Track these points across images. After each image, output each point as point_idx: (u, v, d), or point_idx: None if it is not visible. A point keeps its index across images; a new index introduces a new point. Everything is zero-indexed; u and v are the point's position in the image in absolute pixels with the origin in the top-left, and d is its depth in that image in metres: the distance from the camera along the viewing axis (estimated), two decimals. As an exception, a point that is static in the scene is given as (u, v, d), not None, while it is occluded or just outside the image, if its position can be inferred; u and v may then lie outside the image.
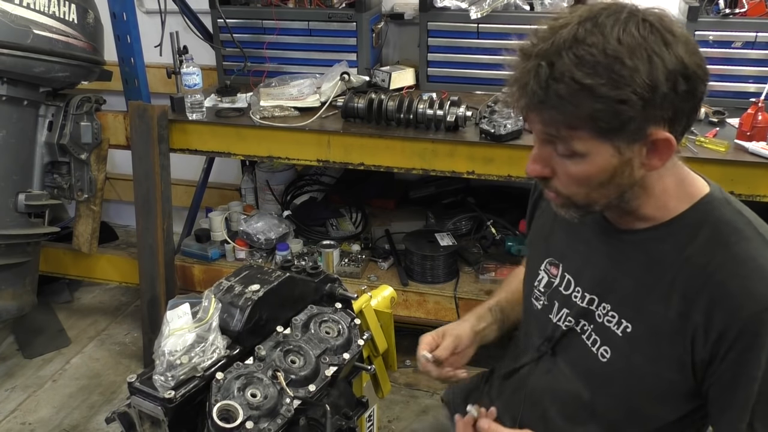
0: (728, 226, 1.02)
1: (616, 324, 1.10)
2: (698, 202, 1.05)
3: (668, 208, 1.05)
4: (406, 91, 2.68)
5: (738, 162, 2.06)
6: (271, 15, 2.75)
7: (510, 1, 2.55)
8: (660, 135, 0.95)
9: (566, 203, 1.05)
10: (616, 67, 0.89)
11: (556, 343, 1.22)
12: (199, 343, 1.26)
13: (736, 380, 0.99)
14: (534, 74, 0.92)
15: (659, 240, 1.06)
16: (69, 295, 3.29)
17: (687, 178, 1.07)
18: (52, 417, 2.56)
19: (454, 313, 2.51)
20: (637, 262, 1.08)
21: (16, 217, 2.46)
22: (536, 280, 1.27)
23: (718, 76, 2.45)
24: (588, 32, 0.91)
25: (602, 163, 0.96)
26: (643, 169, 0.99)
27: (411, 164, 2.37)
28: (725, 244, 1.01)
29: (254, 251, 2.80)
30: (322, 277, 1.54)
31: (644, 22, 0.92)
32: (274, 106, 2.53)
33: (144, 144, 2.59)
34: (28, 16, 2.26)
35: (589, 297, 1.16)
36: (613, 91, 0.89)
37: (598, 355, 1.13)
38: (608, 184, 0.99)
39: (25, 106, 2.43)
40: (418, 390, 2.64)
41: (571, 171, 0.99)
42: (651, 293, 1.06)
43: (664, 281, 1.04)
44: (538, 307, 1.26)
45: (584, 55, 0.89)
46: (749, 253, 0.99)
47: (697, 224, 1.03)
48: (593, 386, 1.15)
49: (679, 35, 0.93)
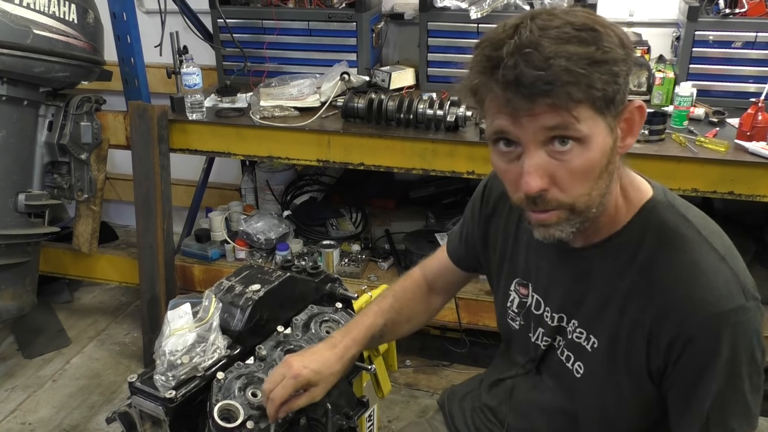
0: (671, 231, 1.01)
1: (585, 339, 1.10)
2: (642, 208, 1.04)
3: (618, 218, 1.04)
4: (406, 91, 2.68)
5: (738, 162, 2.06)
6: (271, 15, 2.75)
7: (510, 1, 2.55)
8: (635, 102, 0.96)
9: (565, 216, 0.98)
10: (596, 35, 0.89)
11: (540, 361, 1.22)
12: (199, 343, 1.26)
13: (689, 385, 0.99)
14: (525, 63, 0.87)
15: (612, 252, 1.05)
16: (69, 295, 3.29)
17: (632, 184, 1.05)
18: (52, 417, 2.55)
19: (454, 313, 2.51)
20: (596, 276, 1.08)
21: (16, 217, 2.46)
22: (508, 301, 1.26)
23: (718, 76, 2.45)
24: (545, 20, 0.90)
25: (601, 144, 0.93)
26: (618, 155, 0.98)
27: (411, 164, 2.37)
28: (668, 251, 1.00)
29: (254, 251, 2.80)
30: (322, 277, 1.54)
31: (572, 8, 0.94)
32: (274, 106, 2.53)
33: (144, 144, 2.59)
34: (28, 16, 2.26)
35: (557, 316, 1.15)
36: (606, 54, 0.89)
37: (573, 371, 1.13)
38: (605, 173, 0.96)
39: (25, 106, 2.43)
40: (418, 390, 2.64)
41: (575, 164, 0.93)
42: (610, 306, 1.05)
43: (620, 292, 1.04)
44: (516, 328, 1.26)
45: (560, 34, 0.88)
46: (692, 258, 0.98)
47: (642, 231, 1.03)
48: (574, 400, 1.16)
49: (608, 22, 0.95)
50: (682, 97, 2.27)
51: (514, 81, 0.88)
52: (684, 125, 2.27)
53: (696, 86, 2.37)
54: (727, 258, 0.99)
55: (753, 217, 2.69)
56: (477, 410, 1.37)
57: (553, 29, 0.88)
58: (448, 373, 2.71)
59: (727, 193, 2.10)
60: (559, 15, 0.91)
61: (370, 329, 1.31)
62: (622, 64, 0.90)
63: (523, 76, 0.87)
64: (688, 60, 2.43)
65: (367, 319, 1.32)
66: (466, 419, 1.39)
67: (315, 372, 1.20)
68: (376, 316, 1.33)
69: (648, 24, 2.75)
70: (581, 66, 0.87)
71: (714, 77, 2.45)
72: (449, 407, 1.45)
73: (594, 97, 0.89)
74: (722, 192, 2.10)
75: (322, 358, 1.22)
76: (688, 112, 2.28)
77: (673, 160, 2.11)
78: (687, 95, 2.27)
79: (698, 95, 2.39)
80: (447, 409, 1.45)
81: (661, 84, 2.42)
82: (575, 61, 0.87)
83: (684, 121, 2.27)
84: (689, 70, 2.44)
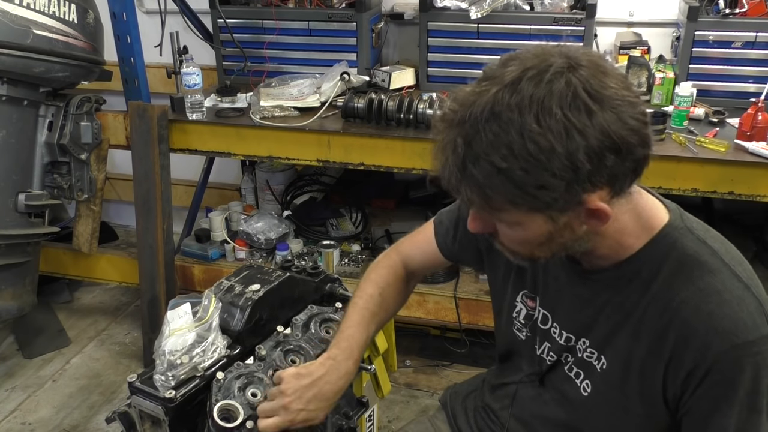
0: (691, 259, 0.98)
1: (596, 359, 1.09)
2: (657, 235, 1.00)
3: (626, 245, 1.00)
4: (406, 91, 2.68)
5: (738, 162, 2.06)
6: (271, 15, 2.75)
7: (510, 1, 2.55)
8: (593, 204, 0.89)
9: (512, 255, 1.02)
10: (532, 149, 0.83)
11: (544, 375, 1.21)
12: (199, 342, 1.26)
13: (707, 416, 0.98)
14: (452, 151, 0.88)
15: (623, 278, 1.02)
16: (69, 295, 3.29)
17: (645, 210, 1.01)
18: (52, 417, 2.55)
19: (454, 313, 2.51)
20: (605, 301, 1.06)
21: (16, 217, 2.46)
22: (515, 311, 1.25)
23: (718, 76, 2.45)
24: (506, 106, 0.84)
25: (537, 230, 0.93)
26: (586, 226, 0.94)
27: (411, 164, 2.37)
28: (689, 279, 0.97)
29: (254, 251, 2.80)
30: (322, 277, 1.54)
31: (568, 87, 0.84)
32: (274, 106, 2.53)
33: (144, 144, 2.59)
34: (28, 16, 2.26)
35: (566, 335, 1.14)
36: (529, 176, 0.84)
37: (580, 388, 1.12)
38: (548, 243, 0.96)
39: (25, 106, 2.43)
40: (418, 390, 2.64)
41: (508, 234, 0.97)
42: (622, 330, 1.04)
43: (633, 319, 1.02)
44: (522, 338, 1.24)
45: (500, 134, 0.84)
46: (714, 287, 0.96)
47: (659, 259, 0.99)
48: (578, 418, 1.15)
49: (607, 98, 0.85)
50: (682, 97, 2.27)
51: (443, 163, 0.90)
52: (684, 125, 2.27)
53: (696, 86, 2.36)
54: (751, 287, 0.97)
55: (753, 217, 2.69)
56: (479, 410, 1.37)
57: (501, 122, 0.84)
58: (448, 373, 2.71)
59: (727, 193, 2.10)
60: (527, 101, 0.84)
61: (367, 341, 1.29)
62: (558, 182, 0.85)
63: (447, 165, 0.90)
64: (688, 60, 2.43)
65: (364, 332, 1.27)
66: (468, 418, 1.39)
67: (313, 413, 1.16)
68: (369, 324, 1.29)
69: (648, 24, 2.75)
70: (496, 180, 0.86)
71: (714, 77, 2.45)
72: (452, 406, 1.45)
73: (511, 206, 0.89)
74: (722, 192, 2.10)
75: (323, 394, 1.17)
76: (688, 112, 2.28)
77: (673, 160, 2.11)
78: (687, 95, 2.27)
79: (698, 95, 2.39)
80: (450, 407, 1.45)
81: (661, 84, 2.41)
82: (491, 174, 0.85)
83: (684, 121, 2.27)
84: (689, 70, 2.44)
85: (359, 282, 1.39)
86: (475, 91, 0.88)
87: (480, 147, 0.85)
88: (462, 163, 0.87)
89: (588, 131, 0.84)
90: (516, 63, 0.88)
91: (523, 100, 0.84)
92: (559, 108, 0.83)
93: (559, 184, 0.85)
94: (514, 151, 0.84)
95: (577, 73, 0.86)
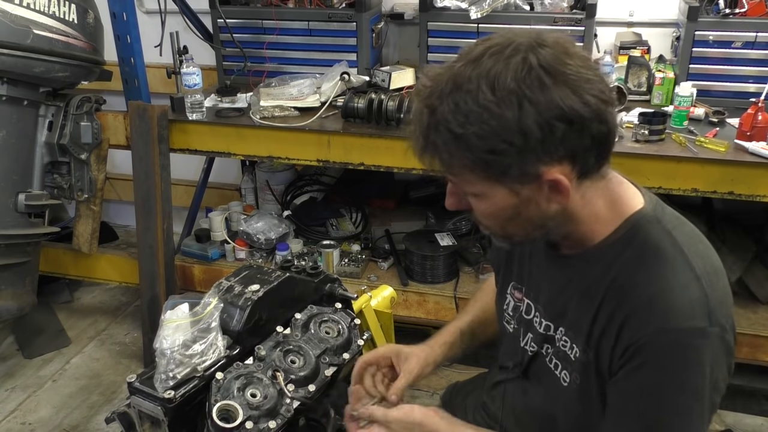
0: (651, 246, 1.00)
1: (570, 348, 1.10)
2: (626, 221, 1.03)
3: (598, 231, 1.03)
4: (406, 91, 2.68)
5: (738, 162, 2.06)
6: (271, 15, 2.75)
7: (510, 1, 2.55)
8: (551, 175, 0.92)
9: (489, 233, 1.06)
10: (485, 117, 0.88)
11: (527, 367, 1.22)
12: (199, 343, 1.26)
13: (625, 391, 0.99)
14: (418, 120, 0.94)
15: (591, 262, 1.04)
16: (69, 295, 3.29)
17: (621, 199, 1.04)
18: (52, 417, 2.55)
19: (454, 313, 2.51)
20: (575, 285, 1.08)
21: (16, 217, 2.46)
22: (504, 303, 1.27)
23: (718, 76, 2.45)
24: (466, 78, 0.90)
25: (501, 202, 0.96)
26: (554, 204, 0.97)
27: (411, 164, 2.37)
28: (643, 264, 0.99)
29: (254, 251, 2.80)
30: (322, 277, 1.54)
31: (524, 62, 0.89)
32: (274, 106, 2.53)
33: (144, 144, 2.59)
34: (28, 16, 2.26)
35: (545, 323, 1.15)
36: (481, 141, 0.89)
37: (560, 379, 1.13)
38: (517, 218, 0.98)
39: (25, 106, 2.43)
40: (418, 390, 2.64)
41: (477, 207, 1.01)
42: (586, 315, 1.05)
43: (594, 302, 1.03)
44: (510, 331, 1.26)
45: (459, 102, 0.90)
46: (663, 273, 0.97)
47: (623, 244, 1.02)
48: (560, 409, 1.15)
49: (563, 74, 0.89)
50: (682, 97, 2.27)
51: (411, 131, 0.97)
52: (684, 125, 2.27)
53: (696, 86, 2.36)
54: (702, 279, 0.97)
55: (753, 217, 2.69)
56: (479, 408, 1.38)
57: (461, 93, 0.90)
58: (448, 373, 2.70)
59: (727, 193, 2.10)
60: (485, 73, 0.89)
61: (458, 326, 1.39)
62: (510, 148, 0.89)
63: (414, 133, 0.96)
64: (688, 60, 2.43)
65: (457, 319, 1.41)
66: (468, 417, 1.40)
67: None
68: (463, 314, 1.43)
69: (648, 24, 2.75)
70: (454, 146, 0.91)
71: (714, 77, 2.45)
72: (453, 404, 1.45)
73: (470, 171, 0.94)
74: (722, 192, 2.10)
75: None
76: (688, 112, 2.28)
77: (673, 160, 2.11)
78: (687, 95, 2.27)
79: (698, 95, 2.39)
80: (451, 406, 1.46)
81: (661, 84, 2.41)
82: (450, 140, 0.91)
83: (684, 121, 2.27)
84: (689, 70, 2.44)
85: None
86: (444, 67, 0.95)
87: (441, 115, 0.91)
88: (426, 131, 0.93)
89: (539, 102, 0.88)
90: (484, 43, 0.94)
91: (481, 73, 0.90)
92: (514, 80, 0.88)
93: (509, 150, 0.90)
94: (470, 118, 0.89)
95: (538, 51, 0.90)
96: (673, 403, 0.96)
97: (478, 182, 0.95)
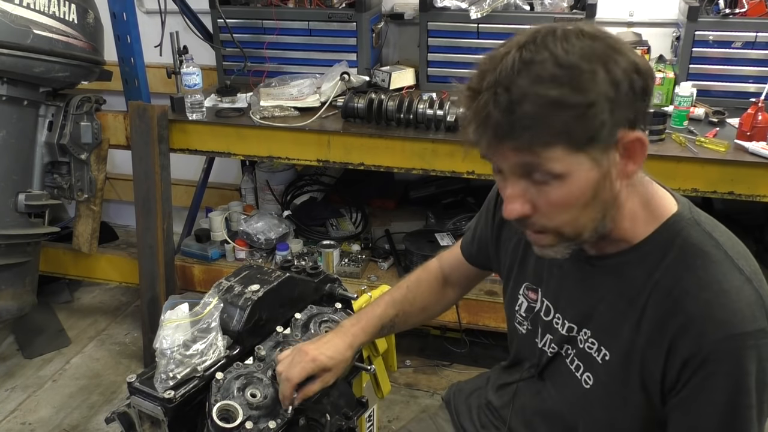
0: (695, 248, 0.98)
1: (596, 351, 1.08)
2: (665, 223, 1.01)
3: (636, 231, 1.01)
4: (406, 91, 2.68)
5: (738, 162, 2.06)
6: (271, 15, 2.75)
7: (510, 1, 2.54)
8: (631, 136, 0.92)
9: (554, 240, 0.99)
10: (576, 74, 0.87)
11: (544, 368, 1.21)
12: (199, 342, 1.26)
13: (696, 406, 0.97)
14: (493, 104, 0.88)
15: (628, 265, 1.02)
16: (69, 295, 3.29)
17: (654, 198, 1.03)
18: (52, 417, 2.55)
19: (454, 313, 2.50)
20: (609, 288, 1.06)
21: (16, 217, 2.46)
22: (516, 305, 1.25)
23: (718, 76, 2.45)
24: (533, 52, 0.88)
25: (583, 179, 0.92)
26: (620, 179, 0.95)
27: (411, 164, 2.37)
28: (691, 268, 0.97)
29: (254, 251, 2.80)
30: (322, 277, 1.54)
31: (582, 34, 0.90)
32: (274, 106, 2.53)
33: (144, 144, 2.59)
34: (28, 16, 2.26)
35: (568, 325, 1.14)
36: (580, 96, 0.86)
37: (581, 381, 1.11)
38: (593, 202, 0.95)
39: (25, 106, 2.43)
40: (418, 390, 2.64)
41: (553, 197, 0.93)
42: (625, 320, 1.03)
43: (636, 307, 1.01)
44: (523, 332, 1.25)
45: (539, 71, 0.87)
46: (714, 277, 0.95)
47: (663, 247, 1.00)
48: (577, 412, 1.14)
49: (620, 40, 0.92)
50: (682, 97, 2.27)
51: (482, 122, 0.90)
52: (684, 125, 2.27)
53: (696, 86, 2.36)
54: (753, 281, 0.96)
55: (753, 217, 2.69)
56: (483, 408, 1.38)
57: (535, 64, 0.87)
58: (448, 373, 2.71)
59: (727, 193, 2.10)
60: (549, 46, 0.88)
61: (381, 319, 1.35)
62: (604, 102, 0.87)
63: (489, 119, 0.88)
64: (688, 60, 2.43)
65: (378, 309, 1.36)
66: (471, 416, 1.39)
67: (329, 357, 1.25)
68: (387, 306, 1.37)
69: (648, 24, 2.75)
70: (548, 110, 0.87)
71: (714, 77, 2.45)
72: (455, 404, 1.45)
73: (564, 139, 0.89)
74: (722, 192, 2.10)
75: (334, 345, 1.28)
76: (688, 112, 2.28)
77: (673, 160, 2.11)
78: (687, 95, 2.27)
79: (698, 95, 2.39)
80: (453, 405, 1.45)
81: (661, 84, 2.41)
82: (542, 105, 0.86)
83: (684, 121, 2.27)
84: (689, 70, 2.44)
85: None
86: (494, 56, 0.91)
87: (522, 88, 0.87)
88: (508, 108, 0.87)
89: (617, 57, 0.88)
90: (517, 36, 0.92)
91: (549, 44, 0.88)
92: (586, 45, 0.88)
93: (605, 104, 0.87)
94: (559, 80, 0.86)
95: (586, 27, 0.91)
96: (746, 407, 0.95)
97: (565, 156, 0.89)
